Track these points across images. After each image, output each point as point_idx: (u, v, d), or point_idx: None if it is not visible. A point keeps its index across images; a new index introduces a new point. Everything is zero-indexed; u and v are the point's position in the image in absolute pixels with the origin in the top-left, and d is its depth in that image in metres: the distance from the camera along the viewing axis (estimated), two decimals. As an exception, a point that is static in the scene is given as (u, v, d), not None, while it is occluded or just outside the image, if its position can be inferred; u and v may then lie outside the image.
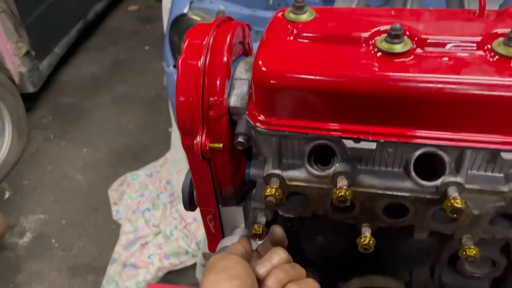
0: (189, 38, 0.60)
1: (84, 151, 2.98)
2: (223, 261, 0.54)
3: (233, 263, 0.54)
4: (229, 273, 0.52)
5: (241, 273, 0.52)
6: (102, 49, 3.99)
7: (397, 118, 0.51)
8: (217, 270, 0.52)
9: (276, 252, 0.58)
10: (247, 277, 0.52)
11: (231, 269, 0.52)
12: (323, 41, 0.55)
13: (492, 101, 0.48)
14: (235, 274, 0.52)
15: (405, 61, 0.51)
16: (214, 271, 0.52)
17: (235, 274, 0.52)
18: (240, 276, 0.52)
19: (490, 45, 0.51)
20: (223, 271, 0.52)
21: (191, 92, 0.57)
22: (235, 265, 0.53)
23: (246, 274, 0.52)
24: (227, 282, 0.50)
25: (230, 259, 0.54)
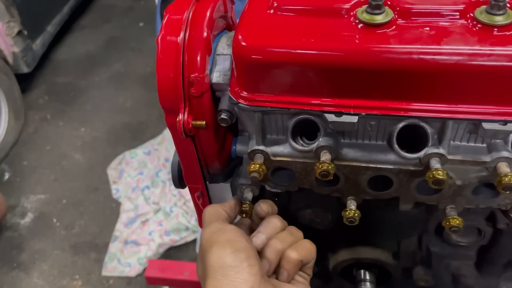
0: (169, 13, 0.59)
1: (82, 130, 2.98)
2: (224, 235, 0.54)
3: (235, 235, 0.54)
4: (234, 246, 0.52)
5: (244, 244, 0.52)
6: (96, 26, 3.94)
7: (379, 90, 0.51)
8: (221, 244, 0.52)
9: (270, 221, 0.59)
10: (250, 248, 0.53)
11: (235, 242, 0.52)
12: (304, 14, 0.54)
13: (474, 71, 0.47)
14: (239, 246, 0.52)
15: (387, 32, 0.50)
16: (218, 246, 0.52)
17: (239, 246, 0.52)
18: (244, 248, 0.52)
19: (472, 14, 0.50)
20: (228, 245, 0.52)
21: (172, 69, 0.56)
22: (238, 237, 0.53)
23: (249, 245, 0.53)
24: (233, 256, 0.50)
25: (230, 232, 0.54)
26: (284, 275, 0.56)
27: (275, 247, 0.56)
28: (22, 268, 2.26)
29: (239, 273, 0.49)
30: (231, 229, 0.55)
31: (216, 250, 0.52)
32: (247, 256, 0.51)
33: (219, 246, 0.52)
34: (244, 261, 0.50)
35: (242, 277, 0.49)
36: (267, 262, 0.55)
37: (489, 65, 0.47)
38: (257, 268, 0.51)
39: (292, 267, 0.56)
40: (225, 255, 0.51)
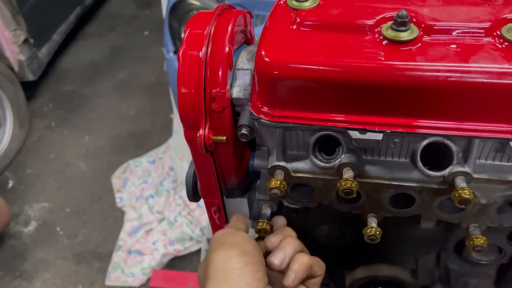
0: (190, 28, 0.59)
1: (86, 138, 2.97)
2: (233, 237, 0.53)
3: (244, 239, 0.53)
4: (240, 249, 0.51)
5: (251, 249, 0.52)
6: (101, 35, 3.95)
7: (404, 108, 0.50)
8: (228, 246, 0.51)
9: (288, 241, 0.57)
10: (257, 254, 0.52)
11: (242, 245, 0.52)
12: (327, 29, 0.53)
13: (501, 90, 0.47)
14: (246, 250, 0.51)
15: (412, 49, 0.50)
16: (224, 247, 0.51)
17: (246, 250, 0.51)
18: (251, 252, 0.51)
19: (499, 32, 0.49)
20: (234, 247, 0.51)
21: (193, 84, 0.56)
22: (246, 242, 0.53)
23: (256, 251, 0.52)
24: (238, 258, 0.50)
25: (239, 235, 0.54)
26: (291, 276, 0.52)
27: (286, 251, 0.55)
28: (25, 277, 2.25)
29: (242, 276, 0.48)
30: (242, 234, 0.54)
31: (222, 251, 0.51)
32: (253, 261, 0.50)
33: (225, 248, 0.51)
34: (249, 265, 0.49)
35: (245, 280, 0.48)
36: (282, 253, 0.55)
37: (517, 84, 0.46)
38: (261, 274, 0.50)
39: (300, 270, 0.53)
40: (229, 256, 0.50)
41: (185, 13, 1.88)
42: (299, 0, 0.56)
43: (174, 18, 1.93)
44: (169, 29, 1.96)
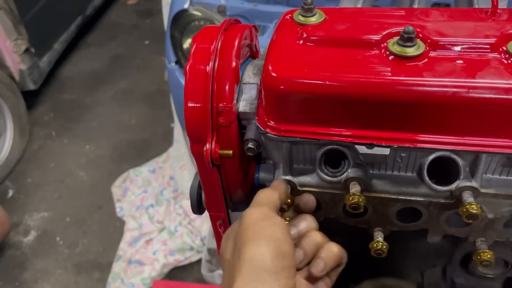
0: (197, 42, 0.59)
1: (87, 148, 2.97)
2: (270, 229, 0.47)
3: (282, 234, 0.47)
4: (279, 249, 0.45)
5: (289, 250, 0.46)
6: (102, 44, 3.97)
7: (411, 123, 0.50)
8: (266, 241, 0.45)
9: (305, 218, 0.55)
10: (293, 255, 0.47)
11: (280, 243, 0.46)
12: (334, 45, 0.54)
13: (508, 105, 0.47)
14: (284, 251, 0.45)
15: (418, 64, 0.50)
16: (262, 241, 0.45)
17: (284, 251, 0.45)
18: (289, 254, 0.46)
19: (505, 47, 0.50)
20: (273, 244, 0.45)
21: (200, 98, 0.56)
22: (284, 238, 0.47)
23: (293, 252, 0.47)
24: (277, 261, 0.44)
25: (277, 228, 0.47)
26: (320, 265, 0.50)
27: (314, 238, 0.52)
28: (25, 287, 2.23)
29: (277, 281, 0.44)
30: (281, 224, 0.48)
31: (259, 246, 0.45)
32: (289, 265, 0.45)
33: (263, 242, 0.45)
34: (285, 270, 0.44)
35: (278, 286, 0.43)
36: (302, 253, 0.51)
37: (524, 99, 0.46)
38: (293, 281, 0.45)
39: (330, 260, 0.51)
40: (268, 257, 0.44)
41: (186, 23, 1.89)
42: (306, 15, 0.57)
43: (176, 28, 1.94)
44: (171, 39, 1.97)
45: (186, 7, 1.88)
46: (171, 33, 1.95)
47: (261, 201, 0.51)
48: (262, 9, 1.91)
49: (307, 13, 0.57)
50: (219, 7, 1.87)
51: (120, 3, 4.57)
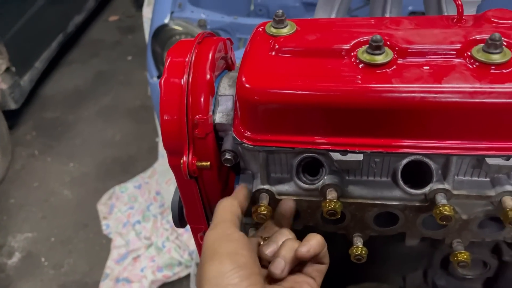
0: (171, 56, 0.60)
1: (71, 165, 2.94)
2: (226, 245, 0.49)
3: (238, 247, 0.49)
4: (235, 262, 0.47)
5: (247, 260, 0.48)
6: (84, 61, 3.95)
7: (382, 128, 0.51)
8: (221, 257, 0.47)
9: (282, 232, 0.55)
10: (254, 265, 0.48)
11: (236, 256, 0.47)
12: (305, 55, 0.55)
13: (474, 108, 0.48)
14: (241, 262, 0.47)
15: (387, 71, 0.51)
16: (218, 258, 0.47)
17: (241, 262, 0.47)
18: (246, 264, 0.47)
19: (469, 52, 0.51)
20: (228, 259, 0.47)
21: (176, 111, 0.57)
22: (241, 250, 0.48)
23: (252, 260, 0.48)
24: (233, 273, 0.46)
25: (234, 243, 0.49)
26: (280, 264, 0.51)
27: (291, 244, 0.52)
28: (9, 311, 2.18)
29: None
30: (238, 239, 0.50)
31: (216, 263, 0.47)
32: (249, 274, 0.46)
33: (218, 259, 0.47)
34: (245, 279, 0.46)
35: None
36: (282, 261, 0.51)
37: (488, 102, 0.48)
38: (259, 286, 0.47)
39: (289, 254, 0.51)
40: (224, 271, 0.46)
41: (167, 38, 1.90)
42: (277, 27, 0.58)
43: (157, 43, 1.95)
44: (152, 54, 1.98)
45: (167, 22, 1.89)
46: (152, 48, 1.96)
47: (220, 218, 0.53)
48: (242, 22, 1.93)
49: (278, 25, 0.58)
50: (200, 21, 1.89)
51: (102, 19, 4.57)
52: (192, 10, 1.94)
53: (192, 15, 1.91)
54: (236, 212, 0.54)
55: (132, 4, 4.76)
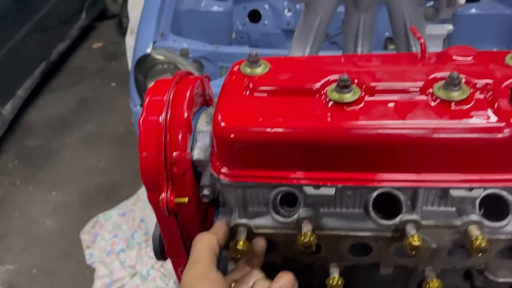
0: (150, 95, 0.62)
1: (53, 194, 2.90)
2: (203, 284, 0.51)
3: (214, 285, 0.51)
4: None
5: None
6: (67, 88, 3.95)
7: (353, 163, 0.54)
8: None
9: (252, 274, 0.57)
10: None
11: None
12: (278, 94, 0.57)
13: (436, 143, 0.51)
14: None
15: (355, 109, 0.54)
16: None
17: None
18: None
19: (431, 89, 0.55)
20: None
21: (154, 148, 0.58)
22: None
23: None
24: None
25: (211, 281, 0.51)
26: None
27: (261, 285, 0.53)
28: None
29: None
30: (215, 279, 0.51)
31: None
32: None
33: None
34: None
35: None
36: None
37: (448, 137, 0.51)
38: None
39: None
40: None
41: (150, 67, 1.93)
42: (252, 67, 0.61)
43: (140, 72, 1.98)
44: (135, 83, 2.00)
45: (149, 51, 1.92)
46: (135, 77, 1.98)
47: (197, 256, 0.54)
48: (224, 51, 1.97)
49: (253, 65, 0.61)
50: (182, 50, 1.93)
51: (85, 47, 4.60)
52: (174, 39, 1.98)
53: (174, 45, 1.94)
54: (214, 249, 0.55)
55: (116, 31, 4.81)
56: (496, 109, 0.51)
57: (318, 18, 0.82)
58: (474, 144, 0.51)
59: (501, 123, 0.50)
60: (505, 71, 0.55)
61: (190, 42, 1.98)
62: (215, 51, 1.95)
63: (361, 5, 0.79)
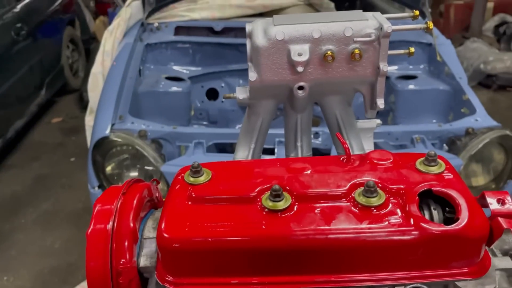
0: (99, 204, 0.66)
1: (5, 279, 2.74)
2: None
3: None
4: None
5: None
6: (23, 165, 3.87)
7: (288, 267, 0.59)
8: None
9: None
10: None
11: None
12: (219, 202, 0.63)
13: (359, 246, 0.57)
14: None
15: (288, 215, 0.60)
16: None
17: None
18: None
19: (353, 194, 0.62)
20: None
21: (101, 257, 0.61)
22: None
23: None
24: None
25: None
26: None
27: None
28: None
29: None
30: None
31: None
32: None
33: None
34: None
35: None
36: None
37: (370, 240, 0.57)
38: None
39: None
40: None
41: (108, 149, 1.96)
42: (194, 176, 0.66)
43: (98, 154, 2.00)
44: (93, 164, 2.01)
45: (107, 133, 1.97)
46: (93, 158, 2.01)
47: None
48: (181, 131, 2.04)
49: (195, 174, 0.66)
50: (140, 132, 1.98)
51: (44, 122, 4.58)
52: (133, 121, 2.04)
53: (132, 127, 2.00)
54: None
55: (76, 105, 4.85)
56: (407, 213, 0.58)
57: (260, 118, 0.91)
58: (391, 245, 0.57)
59: (411, 226, 0.56)
60: (415, 177, 0.63)
61: (148, 123, 2.04)
62: (173, 131, 2.02)
63: (296, 107, 0.89)
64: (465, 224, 0.56)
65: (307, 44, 0.76)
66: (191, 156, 1.90)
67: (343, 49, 0.77)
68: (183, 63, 2.75)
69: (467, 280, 0.58)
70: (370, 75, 0.79)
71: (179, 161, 1.90)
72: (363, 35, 0.76)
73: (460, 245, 0.57)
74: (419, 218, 0.57)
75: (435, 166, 0.64)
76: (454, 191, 0.59)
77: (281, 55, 0.77)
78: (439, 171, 0.63)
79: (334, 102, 0.90)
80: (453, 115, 2.36)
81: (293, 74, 0.79)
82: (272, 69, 0.79)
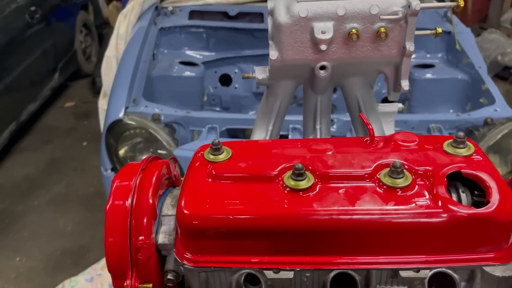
0: (117, 180, 0.65)
1: (17, 260, 2.78)
2: None
3: None
4: None
5: None
6: (37, 148, 3.90)
7: (310, 247, 0.57)
8: None
9: None
10: None
11: None
12: (239, 180, 0.61)
13: (383, 228, 0.55)
14: None
15: (310, 195, 0.58)
16: None
17: None
18: None
19: (378, 176, 0.60)
20: None
21: (120, 234, 0.60)
22: None
23: None
24: None
25: None
26: None
27: None
28: None
29: None
30: None
31: None
32: None
33: None
34: None
35: None
36: None
37: (394, 222, 0.55)
38: None
39: None
40: None
41: (122, 132, 1.96)
42: (214, 154, 0.65)
43: (111, 137, 2.00)
44: (106, 147, 2.01)
45: (121, 116, 1.96)
46: (106, 141, 2.01)
47: None
48: (195, 116, 2.03)
49: (215, 152, 0.65)
50: (154, 116, 1.97)
51: (57, 106, 4.60)
52: (146, 105, 2.03)
53: (146, 110, 1.99)
54: None
55: (89, 90, 4.86)
56: (435, 195, 0.56)
57: (278, 99, 0.89)
58: (417, 228, 0.55)
59: (439, 209, 0.55)
60: (443, 159, 0.61)
61: (162, 107, 2.03)
62: (186, 115, 2.01)
63: (317, 88, 0.86)
64: (496, 207, 0.54)
65: (331, 21, 0.74)
66: (204, 141, 1.89)
67: (368, 28, 0.74)
68: (197, 48, 2.72)
69: (495, 265, 0.56)
70: (395, 55, 0.77)
71: (192, 145, 1.89)
72: (390, 13, 0.73)
73: (490, 229, 0.55)
74: (447, 200, 0.55)
75: (464, 149, 0.62)
76: (485, 174, 0.57)
77: (304, 32, 0.75)
78: (468, 154, 0.61)
79: (356, 84, 0.88)
80: (471, 105, 2.31)
81: (315, 53, 0.77)
82: (294, 47, 0.77)
